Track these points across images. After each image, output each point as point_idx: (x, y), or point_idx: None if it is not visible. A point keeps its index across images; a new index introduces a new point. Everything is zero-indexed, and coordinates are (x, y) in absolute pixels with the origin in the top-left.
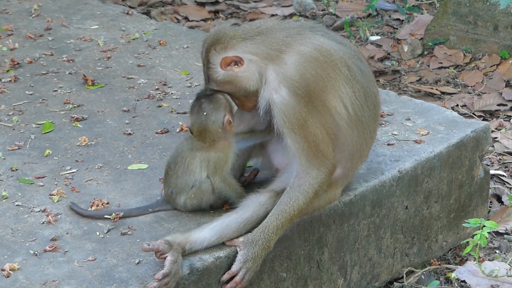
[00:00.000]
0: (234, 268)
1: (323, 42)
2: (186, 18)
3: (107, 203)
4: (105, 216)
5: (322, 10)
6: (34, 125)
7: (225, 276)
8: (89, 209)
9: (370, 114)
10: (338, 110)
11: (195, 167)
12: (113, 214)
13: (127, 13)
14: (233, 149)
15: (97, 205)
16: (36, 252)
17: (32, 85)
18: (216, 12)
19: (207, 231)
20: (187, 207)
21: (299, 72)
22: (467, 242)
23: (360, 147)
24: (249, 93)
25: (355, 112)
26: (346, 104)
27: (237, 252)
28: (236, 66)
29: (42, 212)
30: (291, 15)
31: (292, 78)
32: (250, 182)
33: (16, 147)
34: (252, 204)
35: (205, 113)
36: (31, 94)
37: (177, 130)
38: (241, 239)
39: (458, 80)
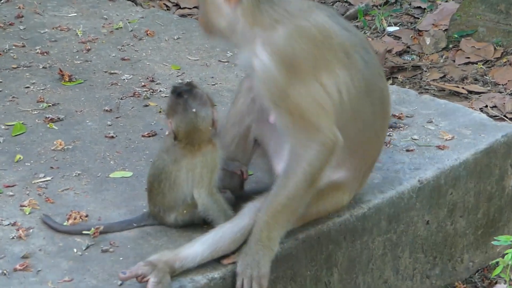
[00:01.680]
0: (237, 283)
1: (326, 22)
2: (177, 5)
3: (86, 216)
4: (83, 232)
5: None
6: (3, 127)
7: None
8: (65, 223)
9: (373, 111)
10: (332, 91)
11: (182, 180)
12: (92, 229)
13: None
14: (219, 153)
15: (75, 218)
16: (4, 271)
17: (0, 80)
18: None
19: (199, 245)
20: (178, 223)
21: (289, 42)
22: (497, 263)
23: (363, 146)
24: (212, 25)
25: (351, 102)
26: (341, 89)
27: (234, 274)
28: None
29: (12, 225)
30: None
31: (277, 44)
32: (242, 194)
33: None
34: (248, 212)
35: (193, 110)
36: None
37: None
38: (236, 253)
39: (487, 77)
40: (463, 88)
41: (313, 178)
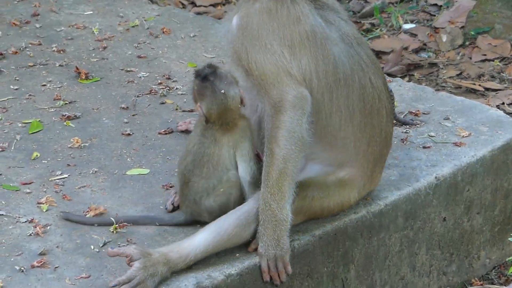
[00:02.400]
0: (262, 265)
1: (301, 11)
2: (193, 3)
3: (104, 210)
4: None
5: None
6: (20, 124)
7: (264, 277)
8: (87, 215)
9: (348, 104)
10: (293, 66)
11: (225, 158)
12: (114, 225)
13: None
14: (251, 126)
15: (95, 209)
16: (22, 268)
17: (17, 78)
18: None
19: (200, 233)
20: (213, 209)
21: (256, 12)
22: None
23: (354, 143)
24: None
25: (317, 92)
26: (305, 75)
27: (253, 266)
28: None
29: (29, 222)
30: None
31: (247, 14)
32: None
33: (0, 149)
34: (252, 198)
35: (222, 91)
36: (16, 89)
37: (179, 129)
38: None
39: (504, 74)
40: (479, 85)
41: (293, 135)
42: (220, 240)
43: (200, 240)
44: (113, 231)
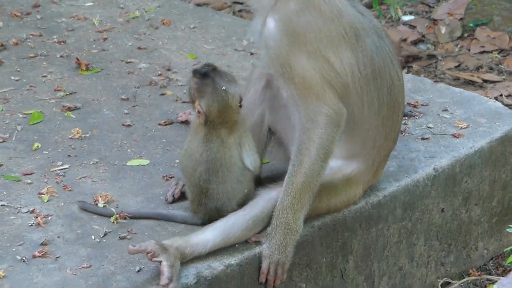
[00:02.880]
0: (263, 266)
1: (340, 1)
2: None
3: (111, 199)
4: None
5: None
6: (20, 115)
7: (261, 278)
8: (99, 205)
9: (379, 97)
10: (336, 67)
11: (235, 157)
12: (115, 215)
13: None
14: (247, 120)
15: (103, 201)
16: (23, 258)
17: (18, 69)
18: None
19: (210, 232)
20: (236, 209)
21: (296, 13)
22: (511, 250)
23: (372, 136)
24: None
25: (355, 85)
26: (346, 70)
27: (253, 257)
28: None
29: (30, 213)
30: None
31: (285, 14)
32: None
33: (1, 140)
34: (261, 200)
35: (223, 88)
36: (17, 80)
37: (179, 120)
38: (262, 233)
39: (502, 66)
40: (478, 77)
41: (326, 151)
42: (227, 241)
43: (209, 238)
44: (113, 222)
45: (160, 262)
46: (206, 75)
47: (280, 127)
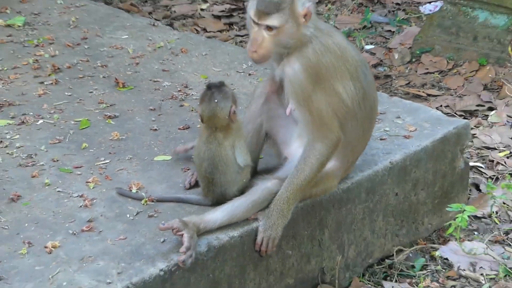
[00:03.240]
0: (258, 238)
1: (343, 41)
2: (205, 29)
3: (142, 185)
4: (144, 199)
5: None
6: (72, 122)
7: (256, 247)
8: (133, 190)
9: (365, 115)
10: (343, 97)
11: (230, 156)
12: (145, 199)
13: (153, 25)
14: (243, 128)
15: (136, 187)
16: (74, 232)
17: (70, 87)
18: (230, 24)
19: (219, 212)
20: (237, 194)
21: (316, 56)
22: (450, 224)
23: (352, 142)
24: (283, 46)
25: (353, 107)
26: (348, 95)
27: (251, 231)
28: (304, 18)
29: (80, 197)
30: None
31: (308, 58)
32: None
33: (57, 141)
34: (259, 189)
35: (216, 101)
36: (70, 95)
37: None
38: (260, 212)
39: (442, 84)
40: (423, 92)
41: (322, 164)
42: (232, 220)
43: (218, 217)
44: (144, 204)
45: (182, 235)
46: (210, 88)
47: (275, 131)
